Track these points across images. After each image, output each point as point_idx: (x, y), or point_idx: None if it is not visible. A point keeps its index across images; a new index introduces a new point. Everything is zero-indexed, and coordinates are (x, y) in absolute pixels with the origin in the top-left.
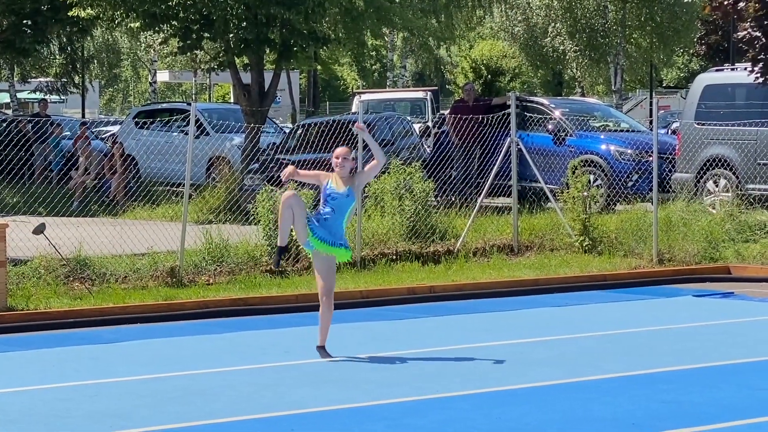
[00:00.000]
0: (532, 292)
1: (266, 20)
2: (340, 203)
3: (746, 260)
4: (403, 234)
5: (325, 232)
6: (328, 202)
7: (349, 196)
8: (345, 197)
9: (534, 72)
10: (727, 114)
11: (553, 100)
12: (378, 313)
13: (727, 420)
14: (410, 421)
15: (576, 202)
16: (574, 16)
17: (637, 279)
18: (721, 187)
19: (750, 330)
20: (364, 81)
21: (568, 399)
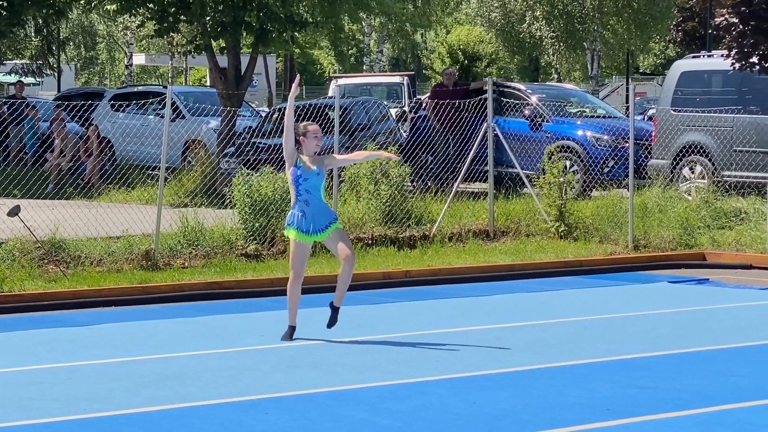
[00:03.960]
0: (508, 277)
1: (243, 3)
2: (312, 183)
3: (721, 247)
4: (378, 219)
5: (313, 221)
6: (300, 184)
7: (320, 175)
8: (316, 176)
9: (511, 58)
10: (704, 101)
11: (530, 86)
12: (353, 298)
13: (702, 406)
14: (388, 405)
15: (552, 187)
16: (551, 1)
17: (612, 265)
18: (696, 173)
19: (725, 316)
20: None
21: (544, 384)
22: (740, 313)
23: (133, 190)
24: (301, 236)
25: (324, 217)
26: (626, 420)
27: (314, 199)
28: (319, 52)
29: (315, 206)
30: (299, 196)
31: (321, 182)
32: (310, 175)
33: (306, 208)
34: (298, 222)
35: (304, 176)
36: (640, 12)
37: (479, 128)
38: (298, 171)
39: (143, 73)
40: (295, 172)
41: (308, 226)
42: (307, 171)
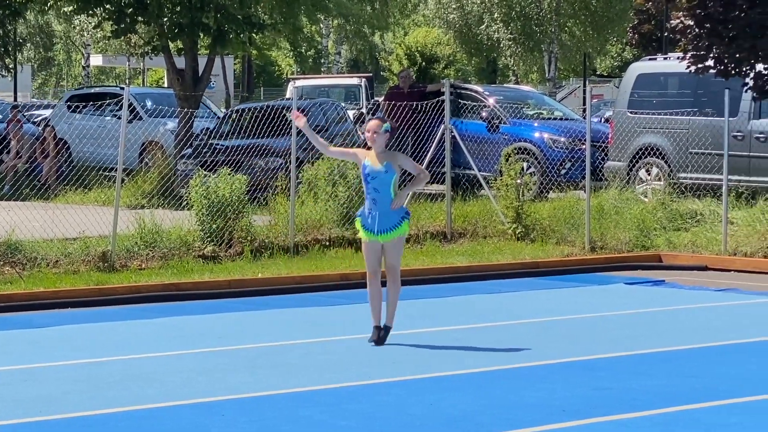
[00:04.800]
0: (465, 279)
1: (200, 5)
2: (381, 181)
3: (677, 248)
4: (336, 220)
5: (379, 221)
6: (369, 182)
7: (388, 172)
8: (384, 173)
9: (468, 59)
10: (660, 103)
11: (487, 88)
12: (311, 299)
13: (659, 407)
14: (346, 406)
15: (509, 189)
16: (509, 3)
17: (569, 266)
18: (653, 175)
19: (681, 318)
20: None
21: (501, 386)
22: (696, 314)
23: (90, 191)
24: (367, 234)
25: (391, 218)
26: (584, 421)
27: (382, 198)
28: (277, 54)
29: (383, 205)
30: (368, 194)
31: (391, 179)
32: (378, 174)
33: (374, 206)
34: (364, 219)
35: (372, 174)
36: (597, 14)
37: (436, 130)
38: (366, 170)
39: (100, 74)
40: (364, 171)
41: (373, 225)
42: (375, 169)
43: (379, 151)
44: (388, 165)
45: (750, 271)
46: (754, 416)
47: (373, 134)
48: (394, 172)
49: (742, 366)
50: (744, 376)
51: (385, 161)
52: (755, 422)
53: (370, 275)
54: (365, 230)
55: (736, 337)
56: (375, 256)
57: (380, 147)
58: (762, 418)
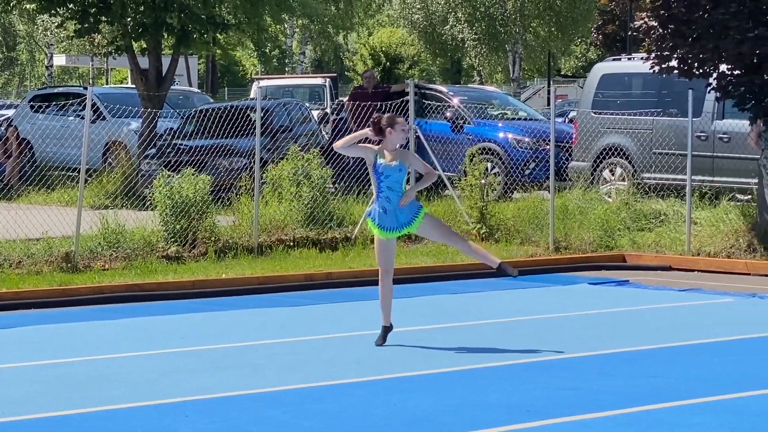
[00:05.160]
0: (430, 279)
1: (164, 4)
2: (394, 179)
3: (641, 248)
4: (300, 220)
5: (396, 217)
6: (382, 180)
7: (401, 171)
8: (398, 172)
9: (433, 60)
10: (624, 103)
11: (452, 88)
12: (275, 300)
13: (622, 407)
14: (308, 407)
15: (473, 189)
16: (473, 4)
17: (533, 267)
18: (617, 175)
19: (644, 318)
20: (264, 67)
21: (464, 386)
22: (660, 314)
23: (53, 191)
24: (383, 233)
25: (408, 211)
26: (547, 421)
27: (396, 195)
28: (241, 54)
29: (397, 201)
30: (381, 193)
31: (403, 178)
32: (392, 171)
33: (387, 204)
34: (380, 218)
35: (385, 173)
36: (562, 15)
37: None
38: (380, 168)
39: (64, 74)
40: (377, 169)
41: (391, 222)
42: (389, 167)
43: (392, 148)
44: (401, 163)
45: (713, 271)
46: (717, 416)
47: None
48: (406, 170)
49: (706, 366)
50: (707, 376)
51: (398, 159)
52: (718, 422)
53: (383, 273)
54: (381, 229)
55: (699, 337)
56: (389, 254)
57: (394, 145)
58: (725, 417)
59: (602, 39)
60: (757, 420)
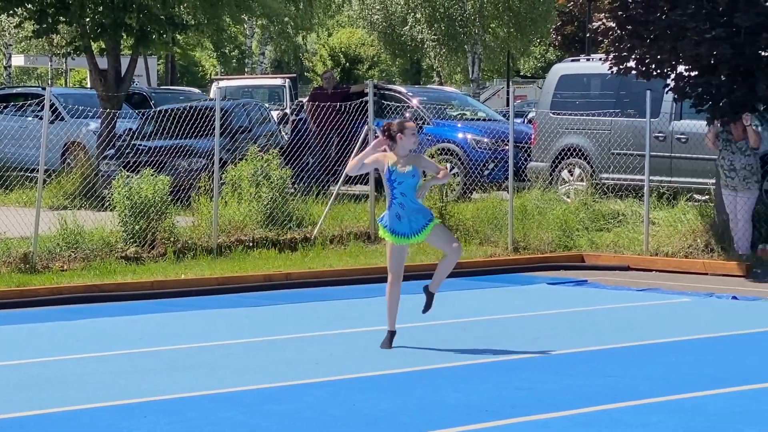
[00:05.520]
0: None
1: (123, 5)
2: (407, 185)
3: (599, 249)
4: (260, 221)
5: (409, 223)
6: (395, 187)
7: (415, 176)
8: (411, 177)
9: (392, 60)
10: (583, 104)
11: (411, 89)
12: (234, 300)
13: (579, 406)
14: (266, 407)
15: (432, 190)
16: (433, 5)
17: (492, 267)
18: (575, 176)
19: (602, 318)
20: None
21: (422, 386)
22: (618, 314)
23: (11, 192)
24: (396, 239)
25: (421, 217)
26: (504, 421)
27: (409, 201)
28: (200, 54)
29: (410, 207)
30: (394, 199)
31: (416, 183)
32: (405, 177)
33: (401, 210)
34: (393, 224)
35: (398, 179)
36: (521, 15)
37: (360, 131)
38: (392, 174)
39: (22, 74)
40: (389, 175)
41: (404, 228)
42: (401, 174)
43: (404, 154)
44: (415, 169)
45: (671, 270)
46: (674, 415)
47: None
48: (419, 175)
49: (663, 366)
50: (664, 375)
51: (410, 165)
52: (675, 421)
53: (392, 278)
54: (394, 235)
55: (657, 336)
56: (400, 259)
57: (406, 150)
58: (682, 416)
59: (561, 40)
60: (713, 419)
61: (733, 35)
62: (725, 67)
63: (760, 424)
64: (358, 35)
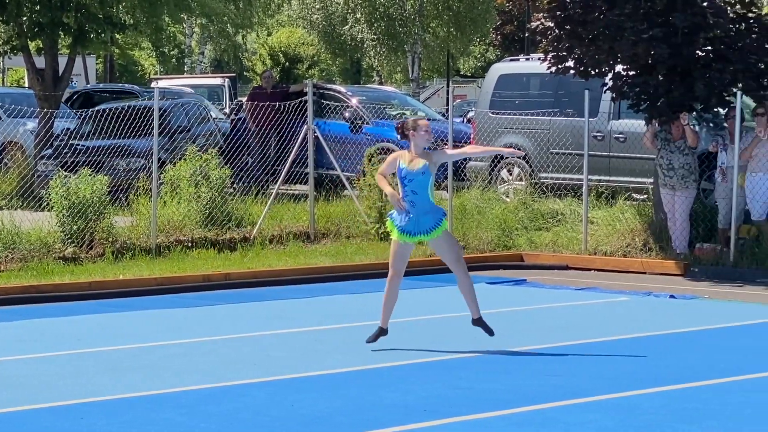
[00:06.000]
0: (328, 279)
1: (60, 4)
2: (418, 183)
3: (538, 248)
4: (199, 221)
5: (418, 222)
6: (405, 185)
7: (425, 174)
8: (421, 175)
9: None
10: (522, 103)
11: (350, 88)
12: (173, 301)
13: (518, 406)
14: (205, 408)
15: (372, 189)
16: (373, 4)
17: (431, 266)
18: (514, 175)
19: (541, 317)
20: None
21: (361, 386)
22: (557, 313)
23: None
24: (403, 237)
25: (431, 218)
26: (442, 420)
27: (420, 199)
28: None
29: (421, 206)
30: (405, 197)
31: (428, 181)
32: (415, 175)
33: (411, 208)
34: (402, 222)
35: (408, 177)
36: (460, 15)
37: (299, 130)
38: (402, 172)
39: None
40: (400, 173)
41: (413, 227)
42: (412, 171)
43: (419, 152)
44: (426, 167)
45: (610, 270)
46: (611, 414)
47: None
48: (431, 173)
49: (600, 364)
50: (602, 374)
51: (422, 163)
52: (612, 419)
53: (392, 275)
54: (401, 232)
55: (595, 335)
56: (403, 257)
57: (420, 148)
58: (619, 415)
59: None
60: (650, 418)
61: (671, 35)
62: (663, 67)
63: (696, 422)
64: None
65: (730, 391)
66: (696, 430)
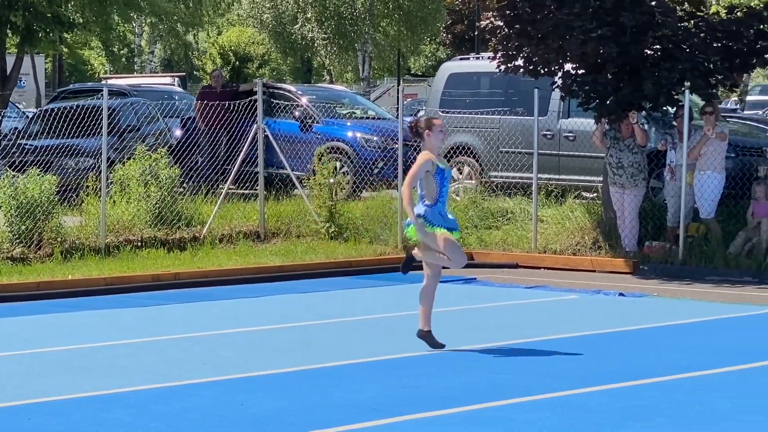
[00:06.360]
0: (278, 278)
1: (8, 2)
2: (448, 181)
3: (489, 247)
4: (148, 220)
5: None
6: (444, 185)
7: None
8: (450, 171)
9: (283, 59)
10: (472, 102)
11: (300, 87)
12: (122, 301)
13: (467, 404)
14: (154, 408)
15: (322, 188)
16: (323, 3)
17: (382, 265)
18: (465, 174)
19: (491, 315)
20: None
21: (310, 385)
22: (507, 311)
23: None
24: (457, 233)
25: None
26: (391, 419)
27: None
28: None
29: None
30: (441, 198)
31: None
32: (449, 174)
33: (443, 208)
34: (446, 221)
35: (447, 176)
36: (411, 14)
37: (249, 129)
38: (445, 173)
39: None
40: (441, 174)
41: (453, 223)
42: (449, 170)
43: (437, 152)
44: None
45: (559, 268)
46: (559, 411)
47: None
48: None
49: (549, 362)
50: (550, 372)
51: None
52: (560, 418)
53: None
54: (452, 230)
55: (544, 333)
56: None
57: (438, 148)
58: (567, 413)
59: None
60: (597, 416)
61: (619, 34)
62: (611, 65)
63: (644, 420)
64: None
65: (677, 389)
66: (643, 428)
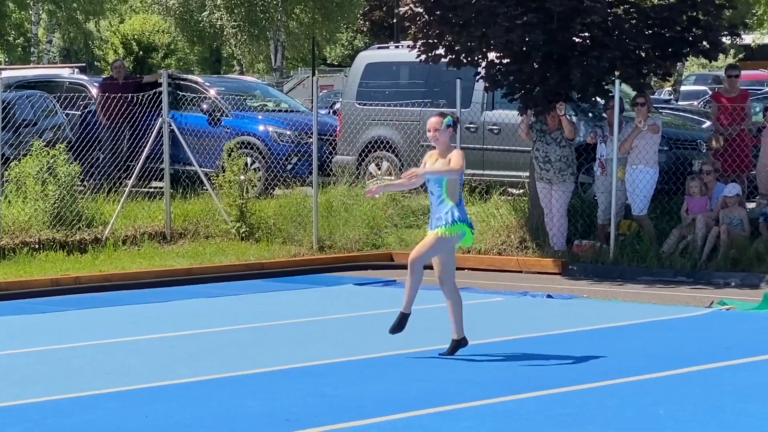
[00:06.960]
0: (185, 282)
1: None
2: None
3: (409, 246)
4: (46, 221)
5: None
6: (462, 183)
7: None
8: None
9: (190, 48)
10: (391, 93)
11: (209, 79)
12: (18, 307)
13: (386, 413)
14: (52, 422)
15: (232, 186)
16: None
17: (296, 267)
18: (383, 170)
19: (411, 319)
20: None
21: (221, 394)
22: (429, 315)
23: None
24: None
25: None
26: (308, 430)
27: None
28: None
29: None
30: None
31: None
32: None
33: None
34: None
35: (463, 177)
36: (326, 0)
37: (154, 123)
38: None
39: None
40: (462, 173)
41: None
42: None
43: (444, 148)
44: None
45: (484, 269)
46: (485, 420)
47: (434, 133)
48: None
49: (475, 368)
50: (476, 378)
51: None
52: (487, 427)
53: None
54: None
55: (468, 338)
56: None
57: (444, 144)
58: (494, 421)
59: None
60: (526, 424)
61: (546, 21)
62: (538, 54)
63: (575, 428)
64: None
65: (609, 395)
66: None
